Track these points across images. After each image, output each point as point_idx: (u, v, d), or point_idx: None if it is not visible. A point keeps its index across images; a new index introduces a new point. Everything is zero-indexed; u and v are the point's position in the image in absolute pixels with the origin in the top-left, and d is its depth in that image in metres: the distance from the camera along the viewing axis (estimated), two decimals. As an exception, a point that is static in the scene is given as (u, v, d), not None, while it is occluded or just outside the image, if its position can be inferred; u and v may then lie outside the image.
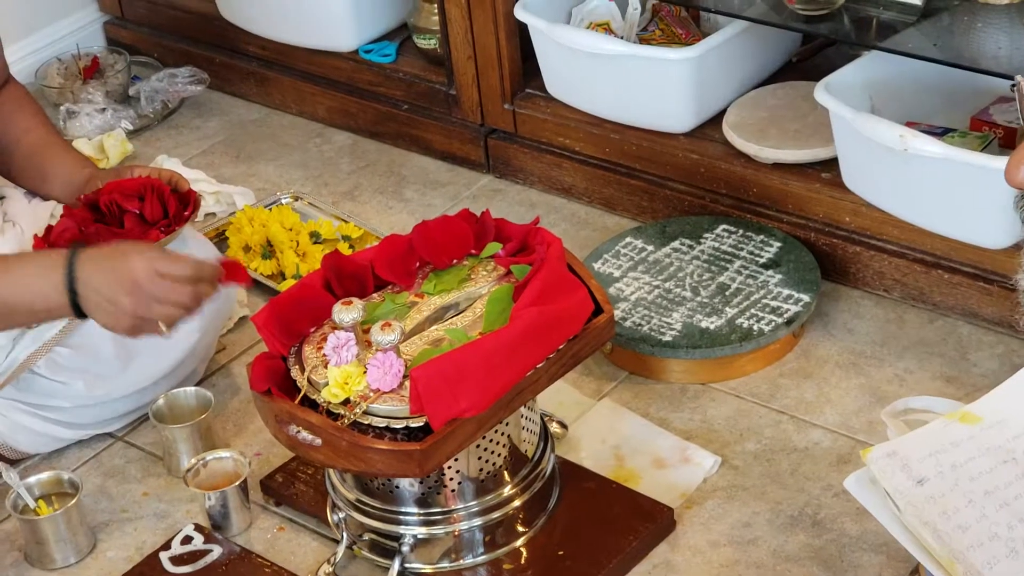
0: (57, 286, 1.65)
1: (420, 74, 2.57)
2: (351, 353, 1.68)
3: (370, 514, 1.76)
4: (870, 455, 1.57)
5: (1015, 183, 1.24)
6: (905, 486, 1.51)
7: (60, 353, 1.94)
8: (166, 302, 1.66)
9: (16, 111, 2.03)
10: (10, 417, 1.96)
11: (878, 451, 1.54)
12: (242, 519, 1.87)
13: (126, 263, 1.65)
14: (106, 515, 1.93)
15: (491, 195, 2.51)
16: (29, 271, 1.66)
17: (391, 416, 1.64)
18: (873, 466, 1.55)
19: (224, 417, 2.07)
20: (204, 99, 2.81)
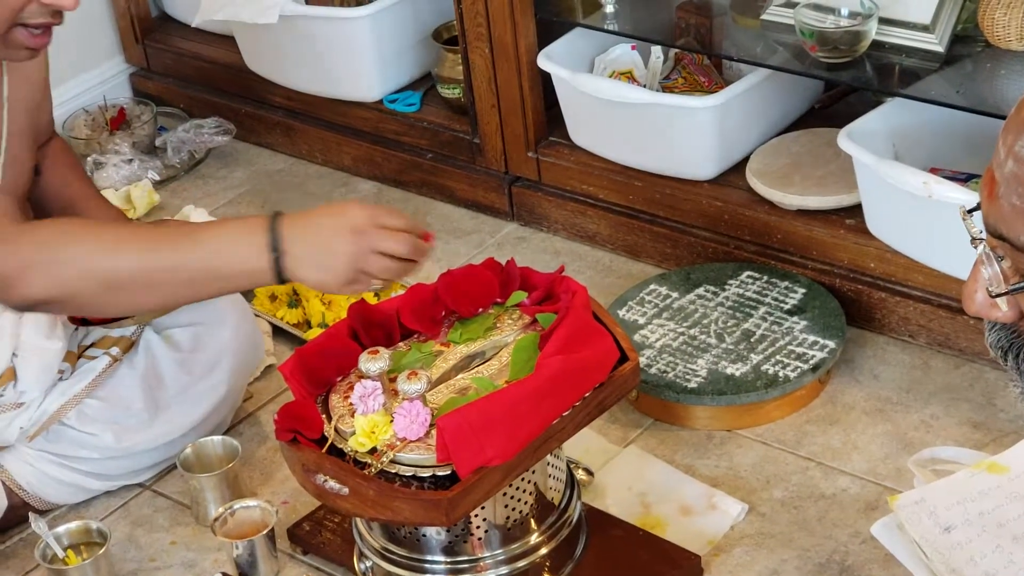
0: (260, 248, 1.59)
1: (444, 123, 2.59)
2: (378, 402, 1.68)
3: (397, 563, 1.76)
4: (897, 502, 1.56)
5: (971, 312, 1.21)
6: (932, 533, 1.51)
7: (89, 405, 1.96)
8: (386, 252, 1.61)
9: (57, 164, 2.05)
10: (39, 468, 1.97)
11: (906, 498, 1.54)
12: (269, 568, 1.87)
13: (344, 213, 1.61)
14: (134, 564, 1.93)
15: (515, 243, 2.52)
16: (227, 236, 1.60)
17: (418, 465, 1.64)
18: (900, 512, 1.54)
19: (251, 465, 2.07)
20: (230, 149, 2.84)
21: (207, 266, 1.60)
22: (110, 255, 1.58)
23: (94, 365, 1.97)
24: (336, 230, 1.60)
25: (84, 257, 1.58)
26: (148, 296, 1.61)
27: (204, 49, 2.91)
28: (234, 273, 1.61)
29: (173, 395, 2.01)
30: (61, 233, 1.61)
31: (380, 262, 1.62)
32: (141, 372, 1.99)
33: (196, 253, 1.59)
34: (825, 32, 2.10)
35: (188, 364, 2.02)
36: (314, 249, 1.60)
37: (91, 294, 1.58)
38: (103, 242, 1.59)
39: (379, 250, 1.61)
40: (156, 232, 1.63)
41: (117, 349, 1.98)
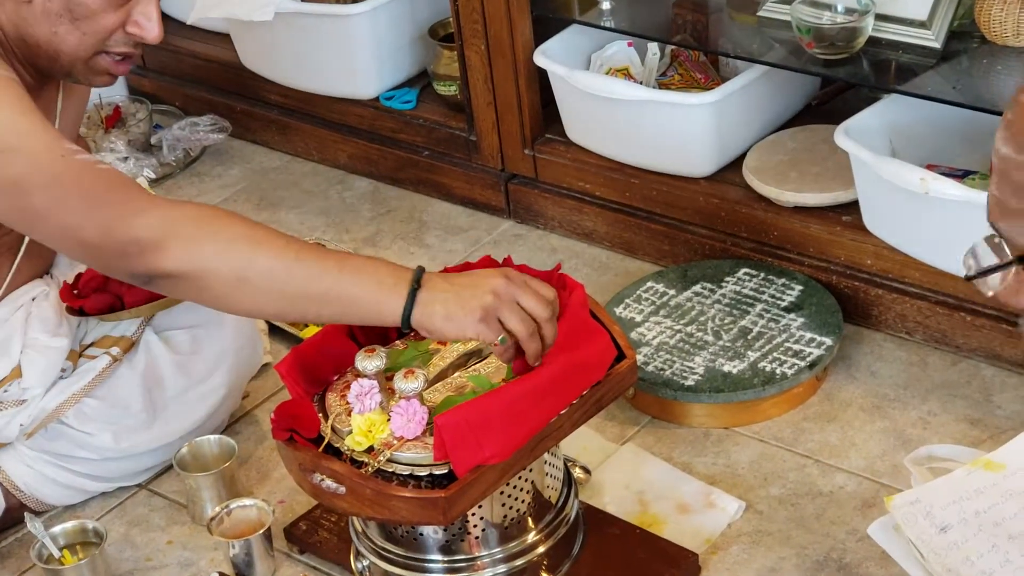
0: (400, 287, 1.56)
1: (440, 120, 2.59)
2: (374, 401, 1.68)
3: (394, 562, 1.76)
4: (893, 502, 1.56)
5: None
6: (928, 533, 1.50)
7: (89, 404, 1.95)
8: (524, 308, 1.58)
9: None
10: (37, 469, 1.96)
11: (901, 499, 1.54)
12: (266, 567, 1.87)
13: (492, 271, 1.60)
14: (130, 564, 1.93)
15: (512, 240, 2.51)
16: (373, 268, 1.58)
17: (415, 464, 1.64)
18: (896, 513, 1.54)
19: (248, 464, 2.07)
20: (226, 147, 2.83)
21: (344, 289, 1.57)
22: (253, 247, 1.56)
23: (94, 364, 1.97)
24: (485, 275, 1.59)
25: (228, 242, 1.55)
26: (273, 300, 1.58)
27: (199, 47, 2.90)
28: (366, 301, 1.57)
29: (172, 397, 2.01)
30: (210, 213, 1.60)
31: (517, 312, 1.58)
32: (141, 373, 1.99)
33: (338, 273, 1.57)
34: (822, 28, 2.10)
35: (187, 366, 2.02)
36: (455, 290, 1.57)
37: (221, 281, 1.55)
38: (249, 233, 1.57)
39: (520, 302, 1.58)
40: (302, 243, 1.61)
41: (117, 349, 1.98)
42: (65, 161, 1.61)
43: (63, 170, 1.60)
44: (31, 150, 1.60)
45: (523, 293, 1.59)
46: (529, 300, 1.59)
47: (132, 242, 1.57)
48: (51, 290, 1.98)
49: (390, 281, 1.57)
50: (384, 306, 1.57)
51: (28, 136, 1.61)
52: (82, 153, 1.63)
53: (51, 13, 1.69)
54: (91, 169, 1.62)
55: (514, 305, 1.58)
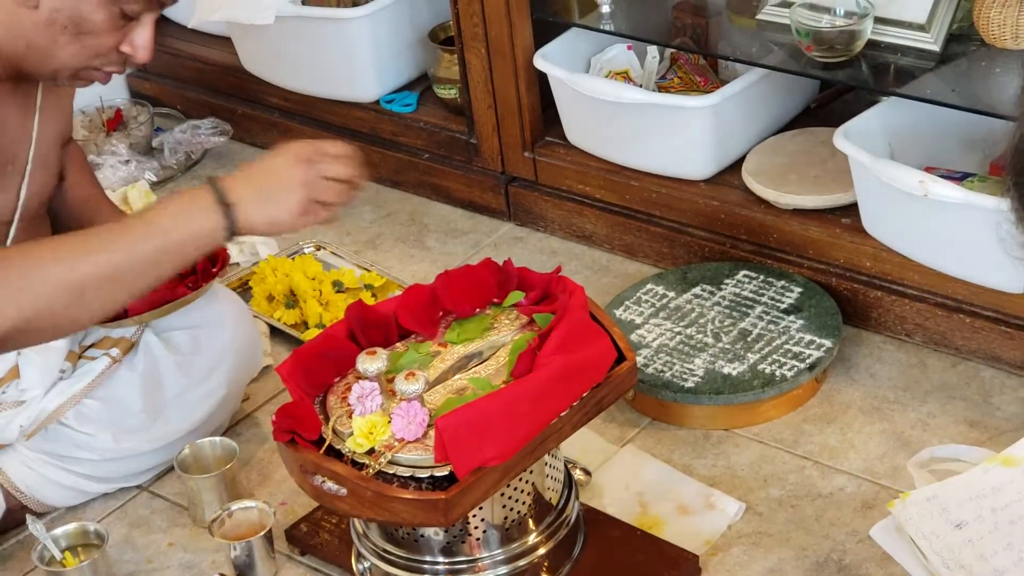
0: (208, 208, 1.58)
1: (441, 123, 2.60)
2: (375, 403, 1.68)
3: (395, 563, 1.77)
4: (908, 499, 1.56)
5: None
6: (943, 530, 1.51)
7: (88, 405, 1.96)
8: (333, 177, 1.62)
9: (73, 167, 2.05)
10: (37, 470, 1.97)
11: (917, 495, 1.54)
12: (267, 569, 1.87)
13: (286, 149, 1.62)
14: (132, 566, 1.93)
15: (512, 243, 2.52)
16: (174, 209, 1.59)
17: (416, 465, 1.65)
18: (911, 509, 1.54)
19: (249, 466, 2.07)
20: (227, 150, 2.84)
21: (163, 244, 1.58)
22: (67, 265, 1.55)
23: (94, 366, 1.97)
24: (282, 165, 1.62)
25: (43, 274, 1.54)
26: (118, 291, 1.58)
27: (200, 50, 2.91)
28: (190, 239, 1.59)
29: (172, 397, 2.01)
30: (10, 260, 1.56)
31: (330, 188, 1.63)
32: (140, 374, 2.00)
33: (149, 234, 1.58)
34: (821, 32, 2.11)
35: (187, 366, 2.03)
36: (262, 190, 1.60)
37: (61, 308, 1.55)
38: (56, 255, 1.56)
39: (327, 175, 1.63)
40: (109, 228, 1.61)
41: (117, 350, 1.99)
42: None
43: None
44: None
45: (324, 166, 1.64)
46: (333, 169, 1.64)
47: None
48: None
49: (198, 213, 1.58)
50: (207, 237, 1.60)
51: None
52: None
53: (55, 24, 1.68)
54: None
55: (323, 183, 1.63)
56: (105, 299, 1.58)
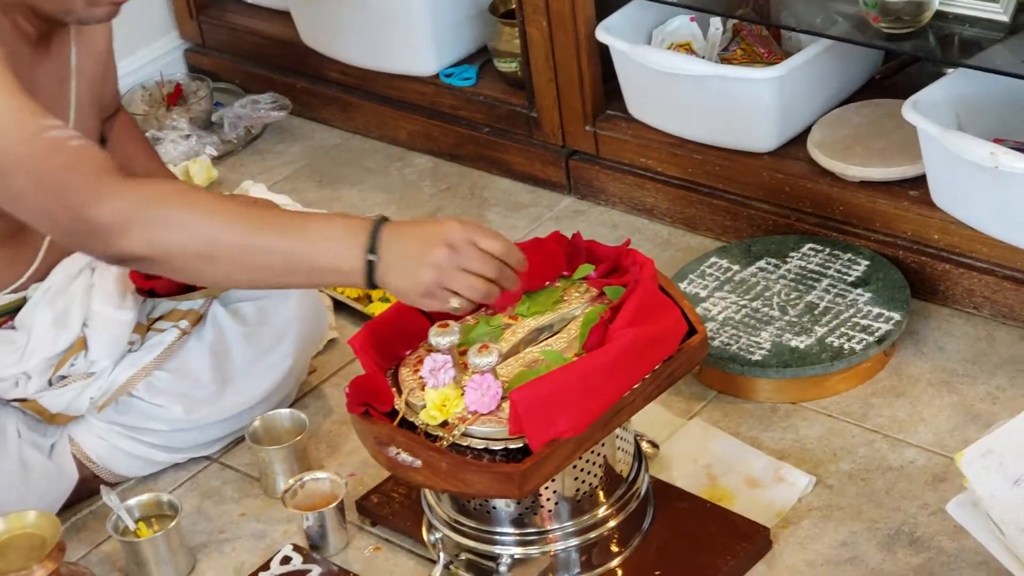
0: (358, 249, 1.57)
1: (501, 97, 2.59)
2: (448, 376, 1.69)
3: (467, 534, 1.78)
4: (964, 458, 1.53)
5: None
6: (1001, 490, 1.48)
7: (158, 377, 1.98)
8: (472, 272, 1.58)
9: (123, 139, 2.07)
10: (109, 441, 1.99)
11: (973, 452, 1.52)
12: (339, 539, 1.89)
13: (441, 226, 1.58)
14: (204, 536, 1.95)
15: (572, 217, 2.52)
16: (331, 231, 1.59)
17: (489, 438, 1.65)
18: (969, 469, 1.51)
19: (317, 438, 2.09)
20: (286, 125, 2.85)
21: (305, 257, 1.58)
22: (214, 225, 1.57)
23: (163, 337, 1.99)
24: (430, 241, 1.58)
25: (188, 222, 1.57)
26: (239, 273, 1.60)
27: (259, 24, 2.91)
28: (328, 269, 1.59)
29: (240, 368, 2.03)
30: (169, 193, 1.60)
31: (464, 280, 1.58)
32: (209, 345, 2.01)
33: (298, 241, 1.58)
34: (888, 2, 2.09)
35: (254, 337, 2.04)
36: (405, 257, 1.57)
37: (184, 260, 1.57)
38: (210, 211, 1.58)
39: (466, 268, 1.58)
40: (262, 213, 1.62)
41: (186, 322, 2.00)
42: (37, 142, 1.60)
43: (32, 152, 1.59)
44: (5, 126, 1.59)
45: (468, 257, 1.58)
46: (476, 263, 1.59)
47: (96, 228, 1.58)
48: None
49: (347, 252, 1.58)
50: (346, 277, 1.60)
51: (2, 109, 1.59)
52: (56, 130, 1.61)
53: None
54: (60, 149, 1.60)
55: (459, 274, 1.58)
56: (225, 273, 1.60)
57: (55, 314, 1.90)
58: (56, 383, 1.93)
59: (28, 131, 1.59)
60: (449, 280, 1.57)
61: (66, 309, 1.91)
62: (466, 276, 1.58)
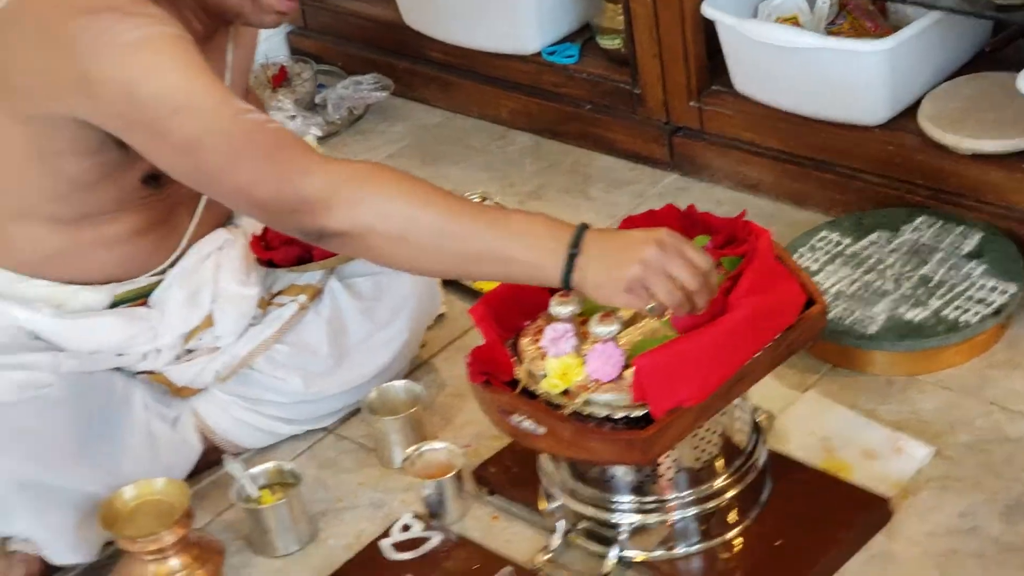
0: (559, 246, 1.57)
1: (604, 74, 2.60)
2: (570, 344, 1.70)
3: (585, 502, 1.79)
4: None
5: None
6: None
7: (278, 350, 2.01)
8: (674, 278, 1.57)
9: None
10: (231, 413, 2.03)
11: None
12: (457, 508, 1.91)
13: (651, 230, 1.58)
14: (323, 504, 1.98)
15: (676, 193, 2.52)
16: (534, 227, 1.59)
17: (611, 405, 1.66)
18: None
19: (431, 411, 2.11)
20: (388, 105, 2.88)
21: (503, 248, 1.58)
22: (416, 208, 1.58)
23: (282, 312, 2.02)
24: (639, 239, 1.58)
25: (391, 202, 1.58)
26: (432, 257, 1.61)
27: (360, 6, 2.95)
28: (525, 261, 1.58)
29: (356, 342, 2.06)
30: (376, 172, 1.62)
31: (666, 283, 1.57)
32: (326, 319, 2.04)
33: (498, 232, 1.58)
34: (1002, -28, 2.07)
35: (370, 312, 2.07)
36: (610, 252, 1.57)
37: (382, 239, 1.59)
38: (413, 192, 1.60)
39: (670, 272, 1.57)
40: (461, 200, 1.63)
41: (304, 296, 2.03)
42: (238, 120, 1.63)
43: (236, 130, 1.63)
44: (204, 109, 1.63)
45: (674, 263, 1.57)
46: (680, 270, 1.58)
47: (301, 201, 1.60)
48: (237, 239, 2.03)
49: (550, 245, 1.58)
50: (542, 270, 1.59)
51: (202, 95, 1.63)
52: (253, 112, 1.66)
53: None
54: (262, 128, 1.64)
55: (662, 276, 1.57)
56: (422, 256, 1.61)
57: (187, 293, 1.94)
58: (184, 357, 1.97)
59: (229, 110, 1.62)
60: (652, 279, 1.56)
61: (197, 288, 1.95)
62: (668, 280, 1.57)
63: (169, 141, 1.63)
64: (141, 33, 1.64)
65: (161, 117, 1.62)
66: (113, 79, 1.63)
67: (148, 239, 1.92)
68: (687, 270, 1.57)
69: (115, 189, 1.83)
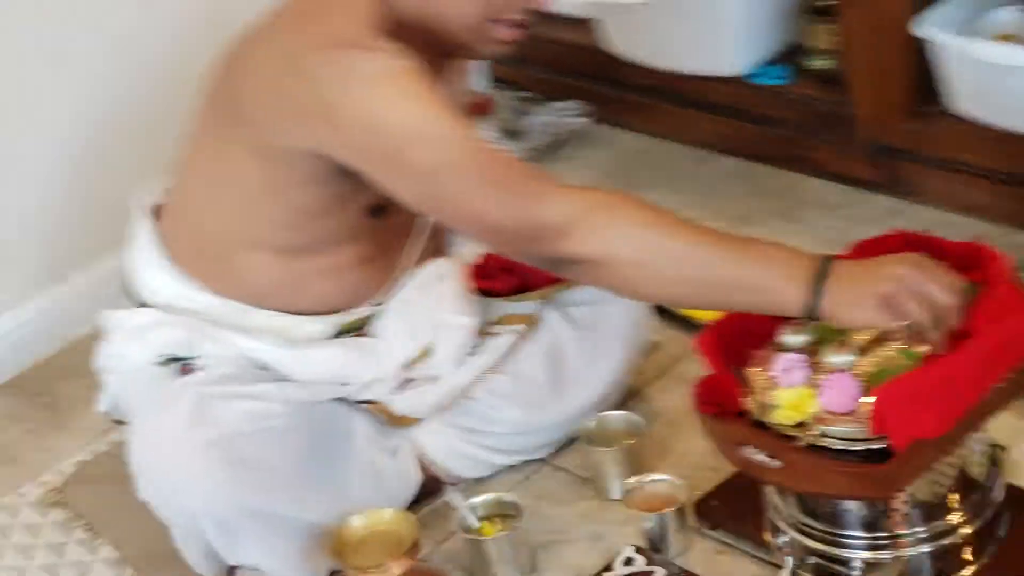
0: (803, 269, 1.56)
1: (812, 95, 2.55)
2: (802, 375, 1.66)
3: (815, 537, 1.74)
4: None
5: None
6: None
7: (497, 380, 2.01)
8: (927, 297, 1.55)
9: None
10: (449, 443, 2.03)
11: None
12: (679, 542, 1.88)
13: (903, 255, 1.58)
14: (542, 536, 1.97)
15: (889, 216, 2.46)
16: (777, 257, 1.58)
17: (848, 438, 1.62)
18: None
19: (646, 441, 2.08)
20: (589, 131, 2.87)
21: (745, 277, 1.57)
22: (658, 234, 1.58)
23: (500, 342, 2.02)
24: (893, 260, 1.56)
25: (633, 227, 1.58)
26: (672, 285, 1.60)
27: (559, 33, 2.95)
28: (768, 288, 1.56)
29: (574, 372, 2.04)
30: (615, 200, 1.62)
31: (918, 304, 1.54)
32: (544, 349, 2.04)
33: (739, 257, 1.57)
34: None
35: (588, 341, 2.05)
36: (861, 272, 1.55)
37: (622, 266, 1.59)
38: (654, 219, 1.60)
39: (924, 291, 1.55)
40: (705, 229, 1.62)
41: (522, 326, 2.03)
42: (474, 149, 1.65)
43: (472, 158, 1.65)
44: (442, 139, 1.65)
45: (929, 282, 1.55)
46: (935, 289, 1.55)
47: (540, 228, 1.61)
48: (454, 269, 2.04)
49: (794, 272, 1.56)
50: (783, 296, 1.56)
51: (439, 125, 1.65)
52: (491, 143, 1.68)
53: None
54: (496, 156, 1.66)
55: (917, 294, 1.54)
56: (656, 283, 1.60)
57: (406, 323, 1.96)
58: (403, 387, 1.99)
59: (465, 139, 1.65)
60: (907, 297, 1.53)
61: (416, 318, 1.96)
62: (920, 301, 1.54)
63: (407, 170, 1.66)
64: (380, 66, 1.67)
65: (400, 147, 1.64)
66: (355, 110, 1.66)
67: (369, 269, 1.95)
68: (942, 289, 1.54)
69: (340, 219, 1.86)
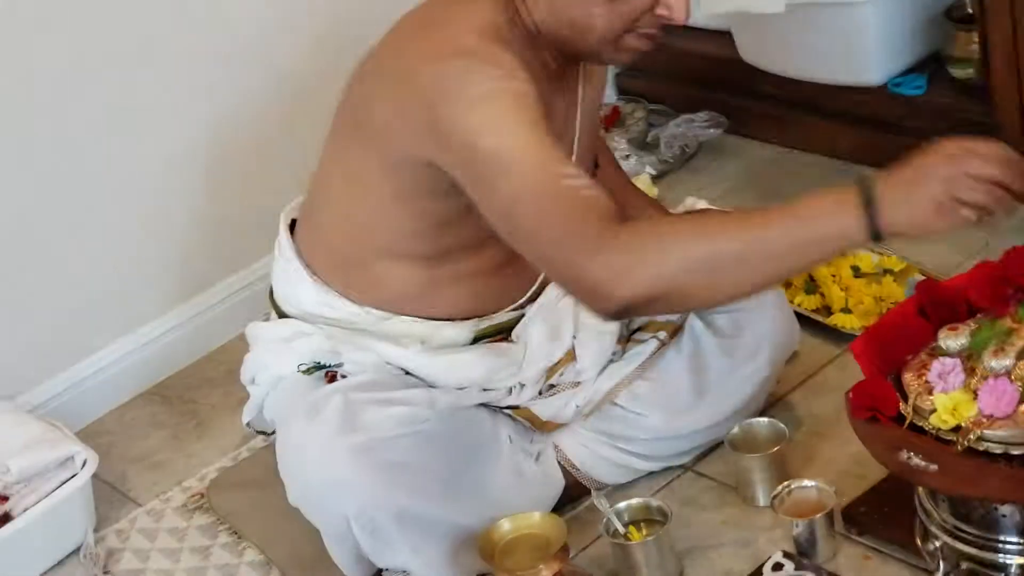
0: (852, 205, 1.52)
1: (953, 104, 2.53)
2: (959, 379, 1.65)
3: (969, 542, 1.72)
4: None
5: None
6: None
7: (640, 386, 2.02)
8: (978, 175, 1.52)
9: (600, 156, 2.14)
10: (592, 449, 2.04)
11: None
12: (828, 548, 1.87)
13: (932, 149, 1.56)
14: (688, 542, 1.97)
15: (1030, 226, 2.41)
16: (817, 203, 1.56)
17: (1008, 442, 1.60)
18: None
19: (790, 448, 2.07)
20: (720, 142, 2.87)
21: (804, 234, 1.56)
22: (707, 239, 1.57)
23: (643, 348, 2.03)
24: (926, 160, 1.54)
25: (682, 246, 1.57)
26: (745, 274, 1.58)
27: (690, 44, 2.95)
28: (831, 235, 1.54)
29: (717, 378, 2.04)
30: (649, 231, 1.62)
31: (972, 185, 1.51)
32: (687, 356, 2.04)
33: (791, 221, 1.56)
34: None
35: (730, 348, 2.05)
36: (904, 184, 1.53)
37: (690, 283, 1.56)
38: (695, 230, 1.59)
39: (971, 173, 1.52)
40: (740, 213, 1.62)
41: (664, 333, 2.04)
42: (555, 186, 1.61)
43: (550, 196, 1.61)
44: (528, 172, 1.62)
45: (970, 164, 1.52)
46: (979, 167, 1.51)
47: (595, 285, 1.57)
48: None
49: (844, 208, 1.53)
50: (848, 231, 1.53)
51: (530, 157, 1.62)
52: (575, 178, 1.63)
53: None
54: (574, 197, 1.61)
55: (966, 180, 1.51)
56: (735, 281, 1.58)
57: (549, 328, 1.97)
58: (546, 392, 2.00)
59: (547, 174, 1.62)
60: (957, 188, 1.51)
61: (558, 323, 1.98)
62: (973, 181, 1.52)
63: (493, 197, 1.65)
64: (488, 87, 1.66)
65: (492, 173, 1.63)
66: (458, 129, 1.66)
67: (505, 274, 1.96)
68: (985, 164, 1.52)
69: (474, 227, 1.87)
